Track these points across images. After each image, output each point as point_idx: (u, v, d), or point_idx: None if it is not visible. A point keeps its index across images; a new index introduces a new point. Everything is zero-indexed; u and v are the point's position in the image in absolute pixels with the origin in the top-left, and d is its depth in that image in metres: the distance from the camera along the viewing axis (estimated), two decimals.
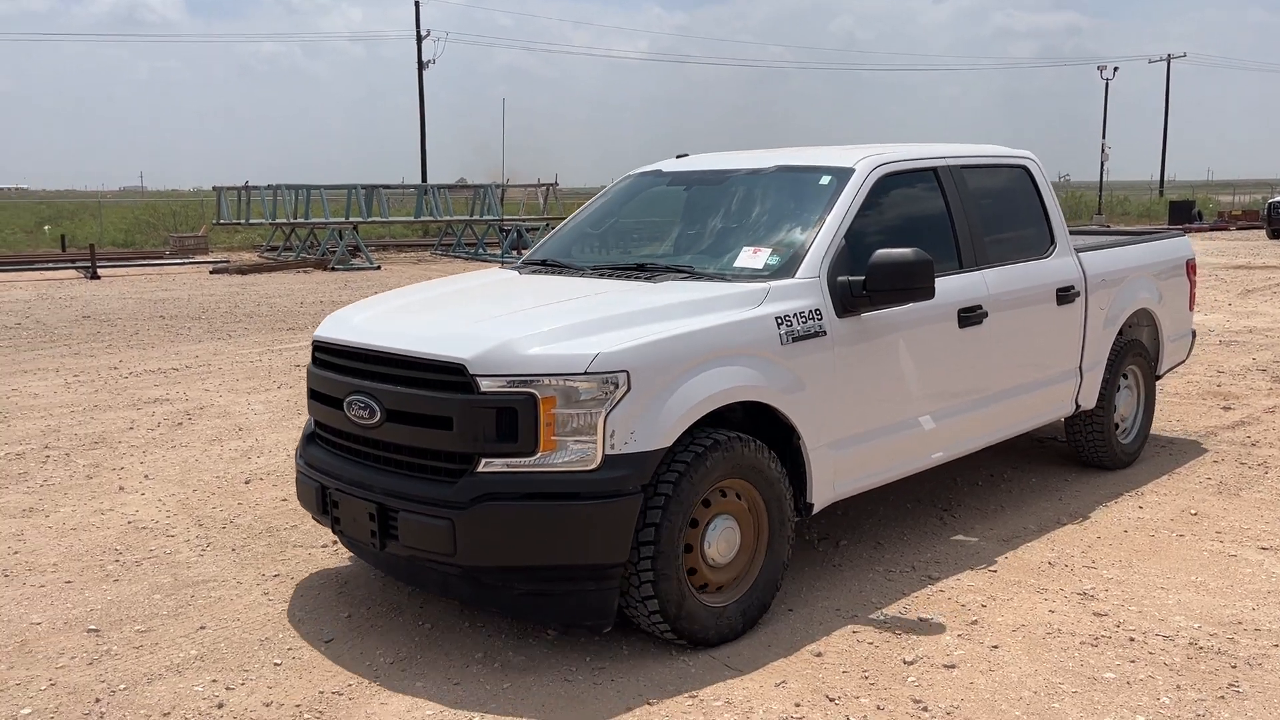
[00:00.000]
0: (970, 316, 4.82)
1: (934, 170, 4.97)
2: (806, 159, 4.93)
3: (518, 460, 3.50)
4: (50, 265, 22.88)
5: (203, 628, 4.10)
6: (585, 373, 3.48)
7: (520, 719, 3.38)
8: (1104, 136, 45.04)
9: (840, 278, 4.22)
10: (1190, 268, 6.74)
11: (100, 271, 21.13)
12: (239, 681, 3.65)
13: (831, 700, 3.47)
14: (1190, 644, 3.86)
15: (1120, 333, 6.00)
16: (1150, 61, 60.45)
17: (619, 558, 3.54)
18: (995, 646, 3.86)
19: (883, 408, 4.47)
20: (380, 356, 3.83)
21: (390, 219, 28.20)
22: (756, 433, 4.00)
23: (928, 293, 4.20)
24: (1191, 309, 6.89)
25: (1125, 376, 6.21)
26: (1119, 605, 4.23)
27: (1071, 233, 6.11)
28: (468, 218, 27.92)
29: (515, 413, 3.47)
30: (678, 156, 5.71)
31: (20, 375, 9.80)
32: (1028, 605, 4.23)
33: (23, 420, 7.83)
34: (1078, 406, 5.75)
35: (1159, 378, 6.65)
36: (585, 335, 3.63)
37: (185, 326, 13.22)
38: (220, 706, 3.48)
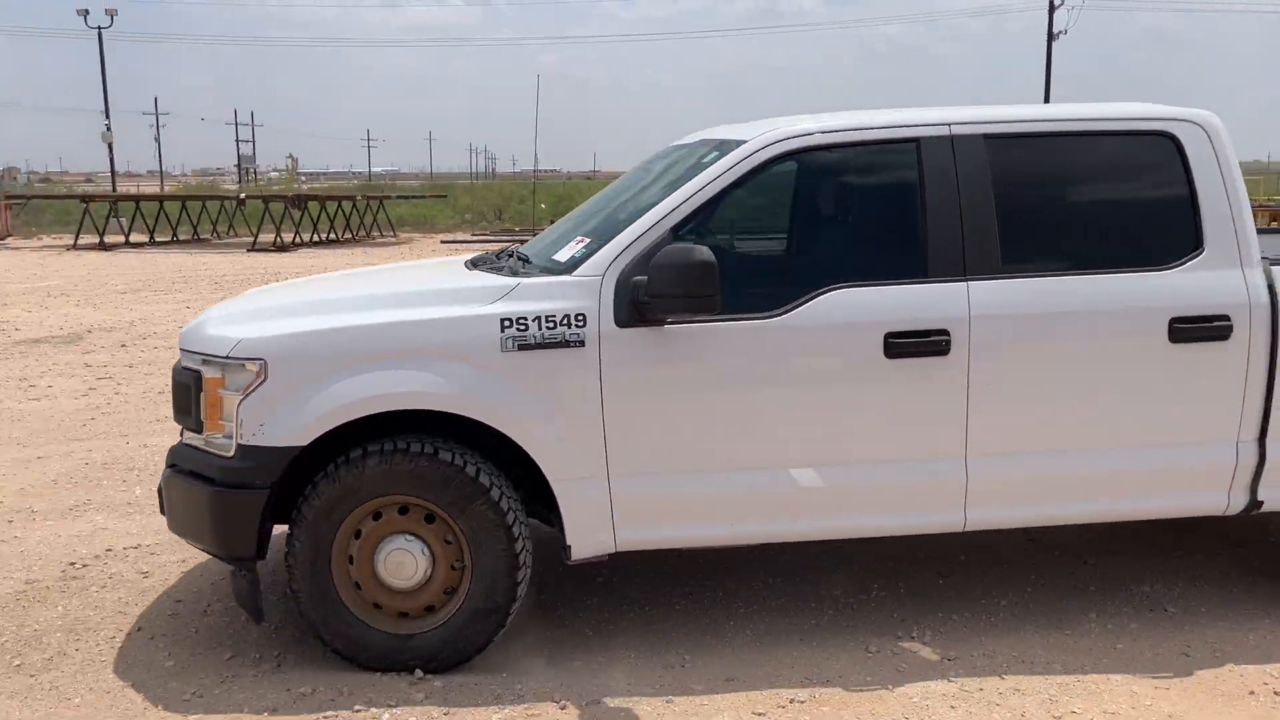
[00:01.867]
0: (915, 344, 3.53)
1: (916, 142, 3.67)
2: (735, 131, 3.94)
3: (196, 436, 3.58)
4: None
5: None
6: (227, 357, 3.45)
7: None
8: None
9: (636, 279, 3.42)
10: None
11: None
12: None
13: None
14: None
15: None
16: None
17: (243, 552, 3.44)
18: None
19: (703, 449, 3.54)
20: None
21: None
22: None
23: (708, 304, 3.30)
24: None
25: None
26: None
27: None
28: None
29: (189, 389, 3.57)
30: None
31: None
32: None
33: None
34: (1255, 503, 3.79)
35: None
36: (268, 320, 3.58)
37: None
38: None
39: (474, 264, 4.14)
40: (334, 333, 3.45)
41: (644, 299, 3.38)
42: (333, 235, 26.98)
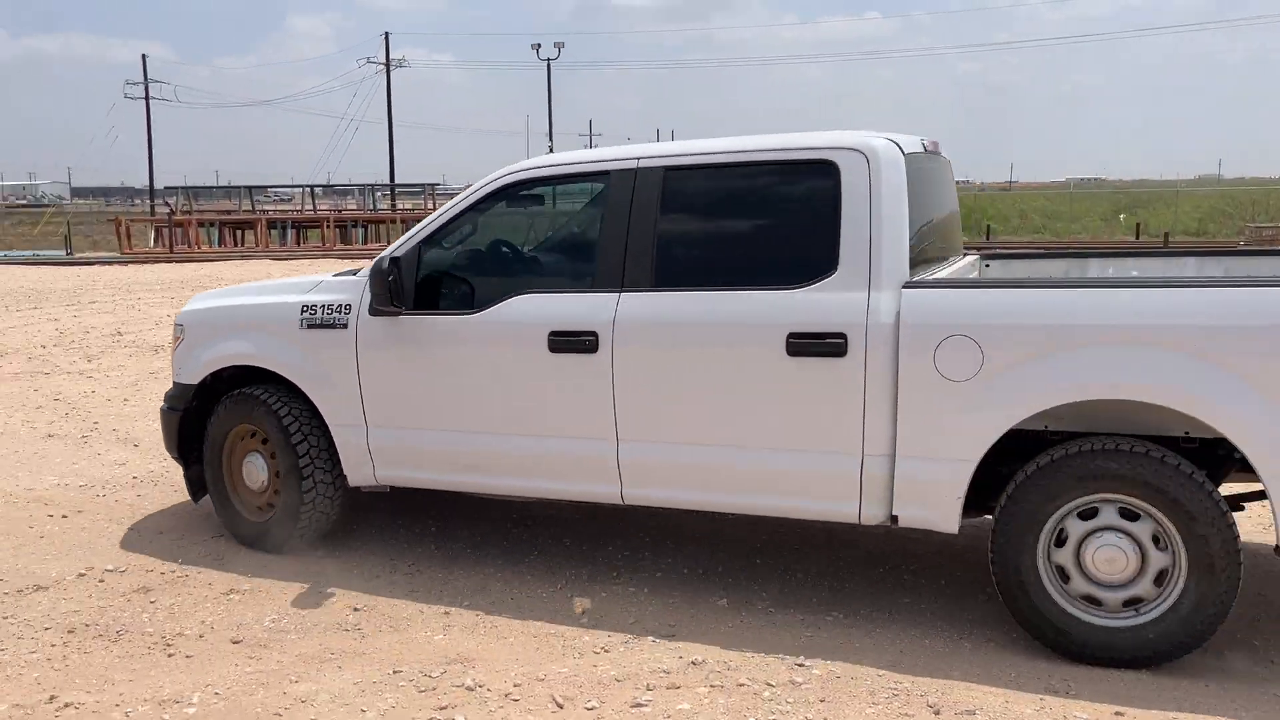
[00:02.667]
0: (569, 342, 4.23)
1: (607, 174, 4.32)
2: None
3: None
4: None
5: None
6: (175, 323, 5.21)
7: None
8: None
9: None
10: None
11: None
12: None
13: None
14: None
15: (1056, 433, 3.76)
16: None
17: (173, 453, 5.22)
18: None
19: (426, 413, 4.52)
20: None
21: None
22: None
23: (384, 300, 4.35)
24: None
25: (1135, 518, 3.59)
26: None
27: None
28: None
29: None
30: None
31: None
32: None
33: None
34: (893, 518, 3.87)
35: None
36: (207, 299, 5.27)
37: None
38: None
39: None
40: (217, 310, 5.11)
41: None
42: None
